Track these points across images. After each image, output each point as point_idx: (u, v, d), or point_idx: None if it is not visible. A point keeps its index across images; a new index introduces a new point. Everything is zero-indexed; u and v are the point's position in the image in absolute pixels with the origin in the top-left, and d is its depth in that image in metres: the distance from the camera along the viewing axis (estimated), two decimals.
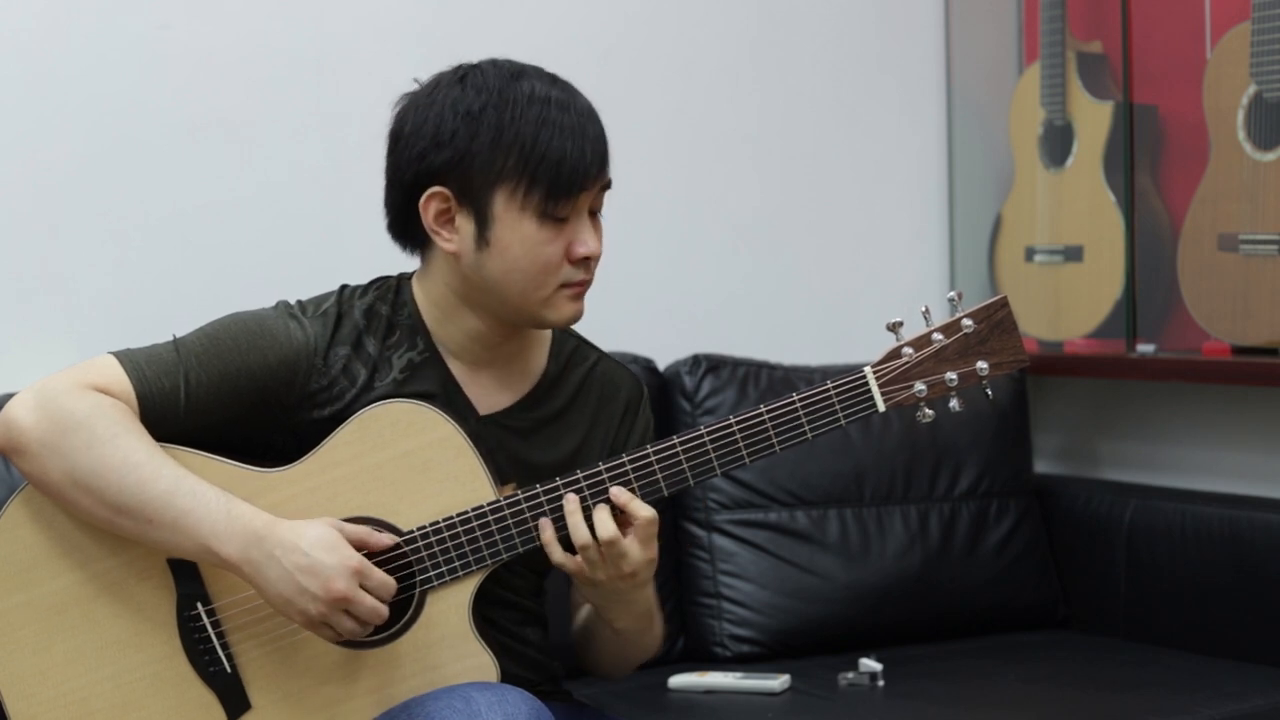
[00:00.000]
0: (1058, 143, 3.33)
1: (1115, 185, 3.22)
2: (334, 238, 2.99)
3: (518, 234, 1.98)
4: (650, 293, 3.22)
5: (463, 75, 2.02)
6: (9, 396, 2.45)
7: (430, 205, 2.01)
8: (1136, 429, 3.36)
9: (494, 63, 2.04)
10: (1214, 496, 3.07)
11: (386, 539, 1.96)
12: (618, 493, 1.98)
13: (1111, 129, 3.22)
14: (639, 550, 1.97)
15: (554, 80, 2.03)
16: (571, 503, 1.98)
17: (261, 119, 2.95)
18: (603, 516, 1.96)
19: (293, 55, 2.97)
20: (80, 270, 2.82)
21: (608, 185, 2.04)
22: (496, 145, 1.97)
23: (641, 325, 3.16)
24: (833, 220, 3.46)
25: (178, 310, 2.36)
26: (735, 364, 3.13)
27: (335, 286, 2.14)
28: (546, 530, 1.98)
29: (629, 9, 3.26)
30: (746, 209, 3.38)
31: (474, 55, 3.07)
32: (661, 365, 3.11)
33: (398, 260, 2.21)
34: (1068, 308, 3.34)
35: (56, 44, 2.80)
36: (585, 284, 2.03)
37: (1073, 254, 3.32)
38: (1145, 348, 3.20)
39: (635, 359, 3.01)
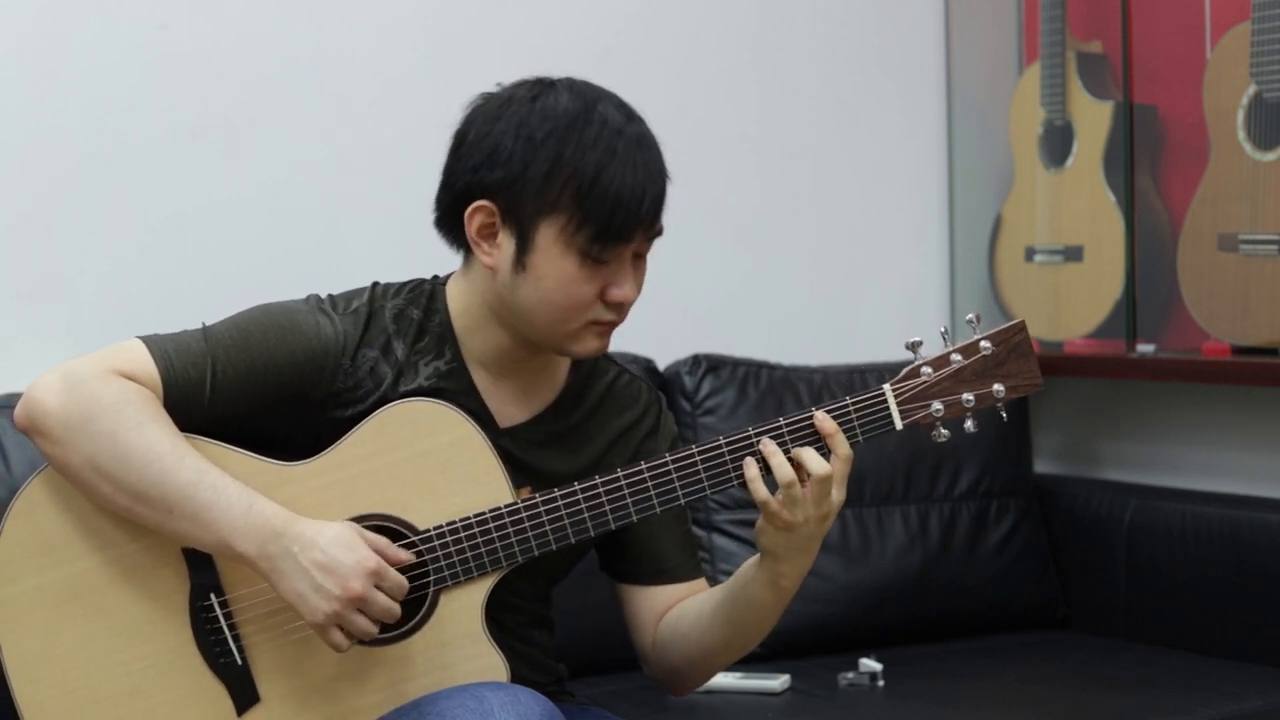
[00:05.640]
0: (1058, 143, 3.33)
1: (1115, 185, 3.22)
2: (334, 238, 2.99)
3: (555, 267, 1.97)
4: (650, 293, 3.19)
5: (536, 94, 1.98)
6: (10, 396, 2.46)
7: (475, 217, 1.99)
8: (1136, 429, 3.36)
9: (571, 86, 2.00)
10: (1214, 496, 3.07)
11: (405, 555, 1.96)
12: (823, 419, 1.98)
13: (1111, 129, 3.23)
14: (838, 489, 1.97)
15: (630, 117, 1.99)
16: (769, 444, 1.97)
17: (261, 119, 2.94)
18: (812, 453, 1.96)
19: (293, 55, 2.97)
20: (80, 270, 2.82)
21: (658, 233, 2.02)
22: (551, 177, 1.94)
23: (641, 325, 3.12)
24: (833, 220, 3.46)
25: (178, 310, 2.36)
26: (735, 364, 3.13)
27: (337, 286, 2.13)
28: (751, 468, 1.98)
29: (629, 9, 3.26)
30: (746, 209, 3.38)
31: (474, 55, 3.10)
32: (661, 365, 3.11)
33: (399, 259, 2.21)
34: (1068, 308, 3.34)
35: (56, 44, 2.80)
36: (614, 324, 2.03)
37: (1073, 254, 3.32)
38: (1145, 348, 3.20)
39: (635, 359, 3.01)
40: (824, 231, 3.45)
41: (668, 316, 3.26)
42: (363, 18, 3.03)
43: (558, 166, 1.94)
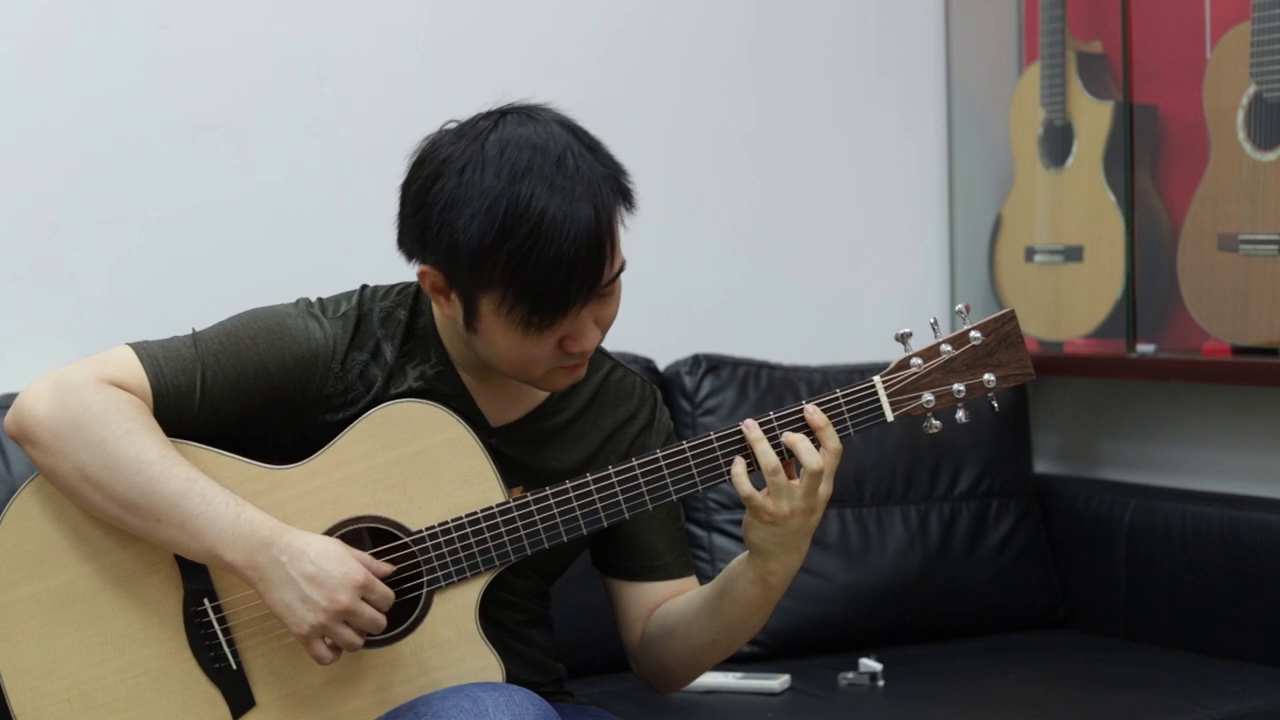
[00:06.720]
0: (1058, 143, 3.33)
1: (1115, 185, 3.22)
2: (334, 237, 2.99)
3: (502, 336, 1.95)
4: (650, 293, 3.22)
5: (465, 164, 1.91)
6: (10, 396, 2.46)
7: (425, 278, 1.98)
8: (1136, 429, 3.36)
9: (501, 152, 1.90)
10: (1214, 496, 3.07)
11: (387, 568, 1.96)
12: (813, 413, 1.97)
13: (1111, 129, 3.23)
14: (826, 483, 1.96)
15: (555, 188, 1.88)
16: (754, 429, 1.97)
17: (262, 118, 2.95)
18: (804, 439, 1.96)
19: (293, 55, 2.97)
20: (81, 270, 2.83)
21: (613, 278, 1.96)
22: (478, 262, 1.90)
23: (641, 325, 3.14)
24: (833, 220, 3.46)
25: (179, 310, 2.36)
26: (735, 364, 3.13)
27: (337, 286, 2.13)
28: (738, 463, 1.98)
29: (629, 9, 3.26)
30: (746, 209, 3.38)
31: (474, 55, 3.10)
32: (661, 365, 3.12)
33: (398, 259, 2.21)
34: (1068, 308, 3.34)
35: (57, 44, 2.80)
36: (581, 363, 2.01)
37: (1073, 254, 3.32)
38: (1145, 348, 3.20)
39: (635, 359, 3.01)
40: (824, 232, 3.45)
41: (668, 317, 3.26)
42: (363, 17, 3.03)
43: (481, 253, 1.89)
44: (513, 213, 1.88)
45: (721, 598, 2.07)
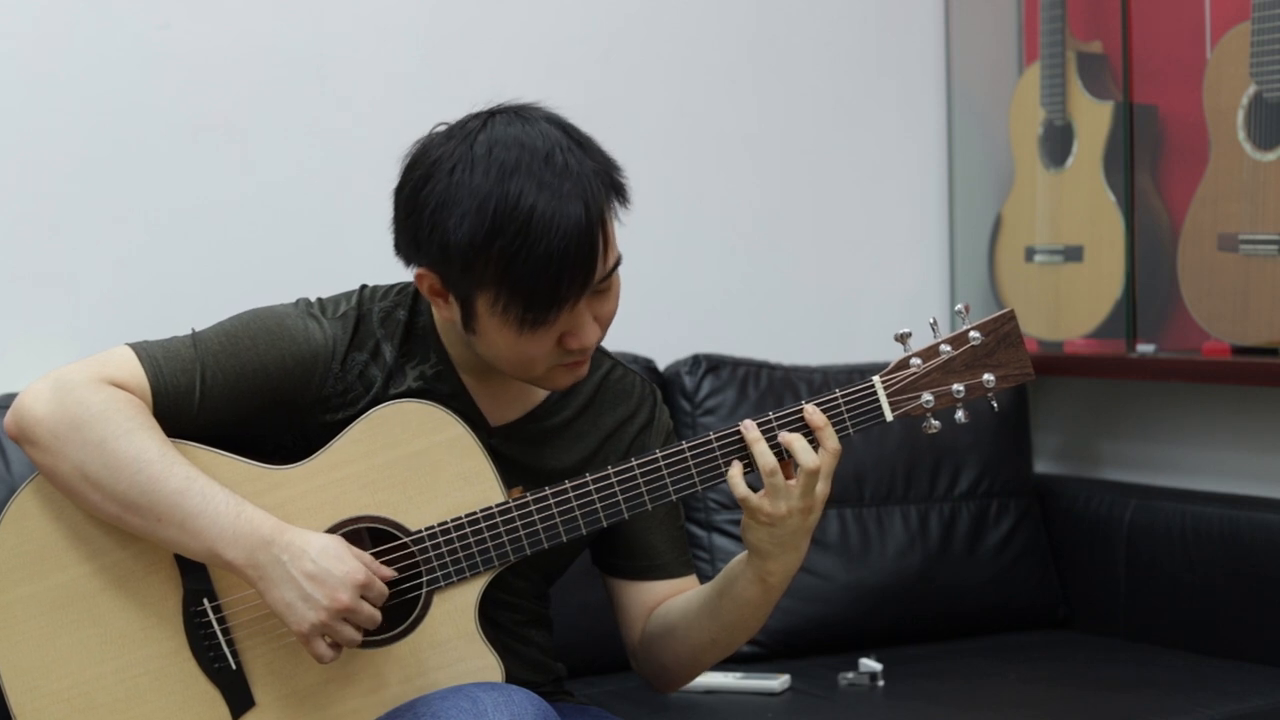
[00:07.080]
0: (1058, 143, 3.33)
1: (1115, 185, 3.22)
2: (334, 237, 2.99)
3: (499, 335, 1.95)
4: (650, 293, 3.22)
5: (455, 164, 1.91)
6: (10, 396, 2.46)
7: (422, 281, 1.99)
8: (1136, 429, 3.36)
9: (489, 152, 1.90)
10: (1214, 496, 3.07)
11: (389, 572, 1.96)
12: (813, 413, 1.97)
13: (1111, 129, 3.23)
14: (824, 483, 1.96)
15: (545, 184, 1.89)
16: (753, 430, 1.97)
17: (262, 118, 2.95)
18: (801, 439, 1.96)
19: (293, 55, 2.97)
20: (81, 270, 2.83)
21: (607, 274, 1.96)
22: (470, 262, 1.90)
23: (641, 325, 3.15)
24: (833, 220, 3.46)
25: (179, 310, 2.37)
26: (735, 364, 3.13)
27: (337, 286, 2.13)
28: (735, 466, 1.98)
29: (629, 9, 3.26)
30: (746, 209, 3.38)
31: (474, 54, 3.10)
32: (661, 365, 3.12)
33: (399, 260, 2.21)
34: (1068, 308, 3.34)
35: (57, 44, 2.80)
36: (583, 361, 2.01)
37: (1073, 254, 3.32)
38: (1145, 348, 3.20)
39: (635, 359, 3.01)
40: (824, 232, 3.45)
41: (668, 317, 3.26)
42: (363, 17, 3.03)
43: (473, 252, 1.89)
44: (502, 211, 1.88)
45: (721, 597, 2.07)
